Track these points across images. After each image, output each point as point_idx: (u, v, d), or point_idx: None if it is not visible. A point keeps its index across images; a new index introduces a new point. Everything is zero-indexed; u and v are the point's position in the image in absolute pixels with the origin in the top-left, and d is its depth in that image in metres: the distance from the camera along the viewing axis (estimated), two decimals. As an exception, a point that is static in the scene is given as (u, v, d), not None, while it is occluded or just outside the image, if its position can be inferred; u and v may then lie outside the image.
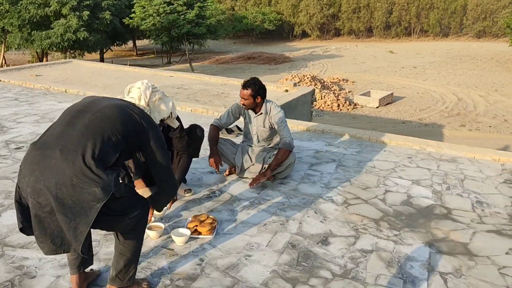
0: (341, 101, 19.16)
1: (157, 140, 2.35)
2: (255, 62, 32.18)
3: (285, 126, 3.99)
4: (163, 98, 2.73)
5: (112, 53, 39.50)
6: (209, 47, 38.68)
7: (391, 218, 3.54)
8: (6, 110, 6.27)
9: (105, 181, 1.99)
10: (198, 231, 3.13)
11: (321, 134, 5.69)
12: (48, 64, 11.12)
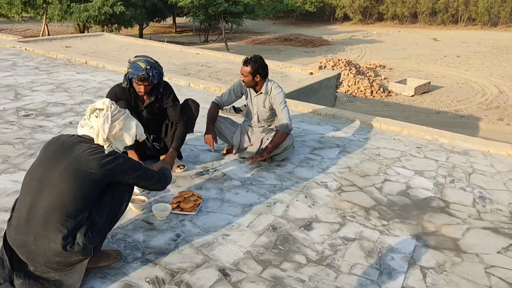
0: (374, 88, 18.71)
1: (125, 172, 2.38)
2: (292, 44, 31.80)
3: (285, 107, 3.92)
4: (125, 126, 2.42)
5: (152, 29, 39.93)
6: (247, 27, 38.47)
7: (383, 207, 3.44)
8: (24, 78, 6.45)
9: (83, 249, 2.22)
10: (180, 207, 3.13)
11: (331, 119, 5.56)
12: (80, 36, 11.34)
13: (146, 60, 3.38)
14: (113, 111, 2.39)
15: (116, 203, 2.41)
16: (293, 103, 5.93)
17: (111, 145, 2.36)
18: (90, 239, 2.25)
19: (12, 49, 8.64)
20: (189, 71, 8.95)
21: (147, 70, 3.32)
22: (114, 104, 2.44)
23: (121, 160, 2.37)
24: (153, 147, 3.73)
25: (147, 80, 3.37)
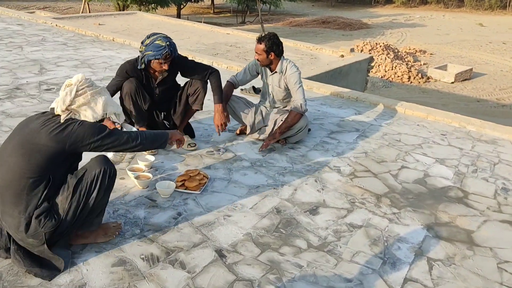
0: (413, 73, 18.12)
1: (83, 137, 2.20)
2: (330, 27, 31.18)
3: (300, 88, 3.79)
4: (90, 101, 2.28)
5: (190, 9, 40.02)
6: (284, 9, 38.00)
7: (396, 195, 3.30)
8: (51, 53, 6.56)
9: (33, 232, 2.20)
10: (185, 186, 3.10)
11: (354, 102, 5.39)
12: (113, 14, 11.45)
13: (162, 37, 3.34)
14: (81, 85, 2.27)
15: (85, 188, 2.27)
16: (316, 85, 5.78)
17: (69, 114, 2.24)
18: (41, 223, 2.18)
19: (44, 25, 8.81)
20: (217, 51, 8.89)
21: (168, 46, 3.29)
22: (86, 79, 2.31)
23: (75, 125, 2.20)
24: (163, 124, 3.70)
25: (171, 56, 3.34)
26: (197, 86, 3.61)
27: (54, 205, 2.25)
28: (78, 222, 2.35)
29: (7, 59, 6.06)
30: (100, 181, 2.29)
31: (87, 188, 2.27)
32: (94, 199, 2.30)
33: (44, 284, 2.18)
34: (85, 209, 2.31)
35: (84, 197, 2.27)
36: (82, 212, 2.31)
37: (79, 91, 2.27)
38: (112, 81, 3.51)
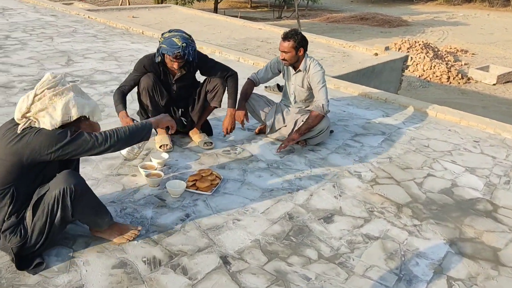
0: (452, 74, 17.48)
1: (40, 146, 2.05)
2: (368, 24, 30.55)
3: (323, 87, 3.63)
4: (48, 107, 2.07)
5: (227, 3, 40.04)
6: (323, 4, 37.49)
7: (418, 205, 3.10)
8: (81, 45, 6.60)
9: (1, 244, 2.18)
10: (196, 186, 3.00)
11: (382, 103, 5.16)
12: (148, 7, 11.51)
13: (182, 37, 3.23)
14: (41, 87, 2.10)
15: (47, 208, 2.15)
16: (344, 84, 5.58)
17: (27, 123, 2.09)
18: (6, 238, 2.13)
19: (76, 17, 8.91)
20: (247, 46, 8.78)
21: (183, 48, 3.19)
22: (50, 80, 2.13)
23: (32, 135, 2.05)
24: (181, 121, 3.62)
25: (183, 58, 3.25)
26: (216, 82, 3.51)
27: (23, 220, 2.17)
28: (52, 238, 2.25)
29: (36, 50, 6.13)
30: (61, 203, 2.15)
31: (49, 209, 2.15)
32: (61, 217, 2.18)
33: (41, 284, 2.14)
34: (54, 227, 2.20)
35: (48, 217, 2.16)
36: (52, 230, 2.21)
37: (37, 95, 2.09)
38: (129, 76, 3.45)
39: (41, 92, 2.09)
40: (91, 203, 2.29)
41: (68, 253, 2.34)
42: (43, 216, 2.16)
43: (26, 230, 2.16)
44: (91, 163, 3.24)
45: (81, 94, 2.21)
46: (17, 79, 4.87)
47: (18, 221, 2.15)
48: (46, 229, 2.19)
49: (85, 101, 2.19)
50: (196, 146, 3.64)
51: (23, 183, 2.14)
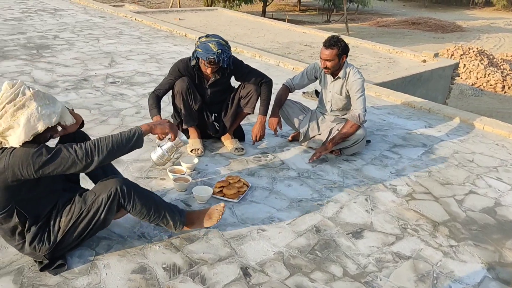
0: (508, 83, 16.67)
1: (20, 167, 1.94)
2: (419, 28, 29.70)
3: (361, 96, 3.50)
4: (12, 124, 1.92)
5: (276, 6, 40.10)
6: (373, 8, 36.82)
7: (456, 224, 2.92)
8: (125, 46, 6.73)
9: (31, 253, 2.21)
10: (223, 193, 2.96)
11: (426, 114, 4.94)
12: (194, 10, 11.65)
13: (218, 43, 3.20)
14: (1, 102, 1.93)
15: (88, 207, 2.21)
16: (385, 92, 5.39)
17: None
18: (36, 248, 2.17)
19: (124, 19, 9.13)
20: (290, 50, 8.69)
21: (218, 54, 3.16)
22: (9, 92, 1.94)
23: (6, 159, 1.93)
24: (213, 126, 3.59)
25: (217, 64, 3.22)
26: (250, 89, 3.47)
27: (50, 226, 2.19)
28: (87, 238, 2.32)
29: (82, 50, 6.32)
30: (108, 206, 2.21)
31: (93, 212, 2.21)
32: (103, 220, 2.24)
33: (61, 285, 2.15)
34: (92, 230, 2.27)
35: (91, 220, 2.22)
36: (90, 233, 2.28)
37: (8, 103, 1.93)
38: (164, 79, 3.46)
39: (2, 108, 1.92)
40: (144, 202, 2.30)
41: (90, 255, 2.35)
42: (85, 221, 2.20)
43: (56, 236, 2.18)
44: (122, 164, 3.27)
45: (44, 101, 2.00)
46: (60, 79, 5.02)
47: (42, 230, 2.17)
48: (84, 234, 2.24)
49: (50, 109, 2.00)
50: (227, 151, 3.60)
51: (23, 199, 2.08)
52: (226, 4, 20.45)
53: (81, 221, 2.21)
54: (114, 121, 4.00)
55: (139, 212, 2.32)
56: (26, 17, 8.55)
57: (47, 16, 8.81)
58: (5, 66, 5.38)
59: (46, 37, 6.98)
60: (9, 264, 2.24)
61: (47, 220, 2.20)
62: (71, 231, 2.21)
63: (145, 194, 2.35)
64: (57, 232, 2.19)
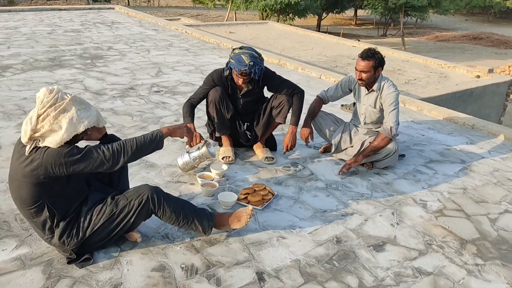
0: None
1: (51, 165, 2.10)
2: (481, 44, 28.64)
3: (394, 110, 3.47)
4: (54, 127, 2.10)
5: (332, 20, 40.03)
6: (432, 22, 35.87)
7: (486, 243, 2.82)
8: (173, 57, 7.00)
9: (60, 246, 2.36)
10: (247, 200, 3.03)
11: (469, 130, 4.78)
12: (245, 23, 11.90)
13: (251, 55, 3.31)
14: (43, 107, 2.09)
15: (120, 211, 2.36)
16: (428, 107, 5.27)
17: (34, 143, 2.13)
18: (65, 243, 2.31)
19: (175, 31, 9.48)
20: (337, 64, 8.69)
21: (250, 66, 3.27)
22: (50, 97, 2.10)
23: (40, 156, 2.10)
24: (245, 135, 3.68)
25: (248, 75, 3.33)
26: (282, 99, 3.53)
27: (79, 222, 2.33)
28: (115, 238, 2.46)
29: (132, 61, 6.64)
30: (138, 212, 2.37)
31: (123, 216, 2.36)
32: (132, 223, 2.40)
33: (85, 277, 2.29)
34: (121, 231, 2.41)
35: (121, 222, 2.37)
36: (118, 233, 2.42)
37: (41, 116, 2.10)
38: (199, 89, 3.60)
39: (44, 112, 2.09)
40: (174, 209, 2.44)
41: (115, 252, 2.49)
42: (115, 223, 2.36)
43: (84, 232, 2.33)
44: (155, 168, 3.42)
45: (82, 106, 2.19)
46: (109, 87, 5.32)
47: (71, 226, 2.32)
48: (113, 233, 2.39)
49: (87, 113, 2.19)
50: (258, 160, 3.67)
51: (54, 195, 2.24)
52: (280, 18, 20.66)
53: (111, 223, 2.36)
54: (153, 127, 4.18)
55: (168, 218, 2.46)
56: (85, 29, 9.11)
57: (104, 28, 9.34)
58: (61, 74, 5.77)
59: (101, 48, 7.41)
60: (40, 255, 2.41)
61: (76, 216, 2.35)
62: (99, 230, 2.36)
63: (175, 201, 2.49)
64: (86, 228, 2.33)
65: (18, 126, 4.03)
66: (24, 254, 2.41)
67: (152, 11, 34.76)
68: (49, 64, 6.21)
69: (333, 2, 29.70)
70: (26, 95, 4.90)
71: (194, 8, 42.80)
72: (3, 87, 5.13)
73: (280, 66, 7.03)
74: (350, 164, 3.50)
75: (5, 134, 3.88)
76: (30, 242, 2.51)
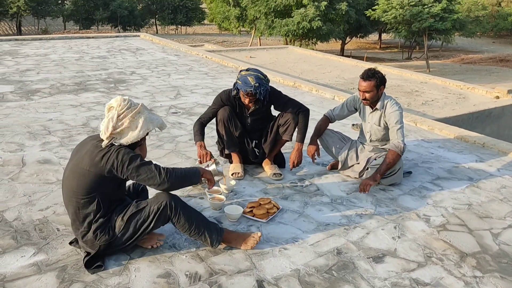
0: None
1: (118, 164, 2.42)
2: (508, 66, 28.30)
3: (400, 128, 3.57)
4: (132, 124, 2.48)
5: (356, 44, 40.30)
6: (457, 44, 35.69)
7: (486, 256, 2.86)
8: (192, 81, 7.27)
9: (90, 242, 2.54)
10: (253, 213, 3.15)
11: (479, 148, 4.80)
12: (266, 48, 12.20)
13: (256, 77, 3.49)
14: (121, 108, 2.46)
15: (142, 219, 2.56)
16: (439, 126, 5.32)
17: (112, 140, 2.46)
18: (97, 237, 2.52)
19: (196, 56, 9.83)
20: (354, 86, 8.80)
21: (255, 87, 3.45)
22: (125, 101, 2.50)
23: (113, 153, 2.42)
24: (253, 152, 3.83)
25: (254, 96, 3.51)
26: (288, 117, 3.68)
27: (112, 221, 2.57)
28: (135, 242, 2.65)
29: (153, 84, 6.94)
30: (157, 216, 2.57)
31: (144, 219, 2.57)
32: (152, 227, 2.60)
33: (95, 282, 2.44)
34: (142, 233, 2.61)
35: (142, 226, 2.58)
36: (140, 235, 2.61)
37: (120, 115, 2.47)
38: (208, 108, 3.79)
39: (123, 113, 2.47)
40: (188, 218, 2.62)
41: (125, 260, 2.64)
42: (137, 225, 2.57)
43: (114, 231, 2.56)
44: (167, 184, 3.58)
45: (150, 111, 2.60)
46: (129, 109, 5.58)
47: (106, 223, 2.56)
48: (136, 235, 2.59)
49: (154, 116, 2.59)
50: (266, 176, 3.81)
51: (105, 192, 2.52)
52: (302, 42, 21.00)
53: (134, 224, 2.57)
54: (168, 146, 4.38)
55: (182, 226, 2.64)
56: (111, 55, 9.54)
57: (129, 54, 9.76)
58: (85, 97, 6.09)
59: (125, 73, 7.76)
60: (56, 262, 2.59)
61: (110, 216, 2.59)
62: (122, 231, 2.57)
63: (190, 211, 2.67)
64: (115, 228, 2.57)
65: (43, 145, 4.30)
66: (40, 261, 2.59)
67: (179, 38, 35.80)
68: (74, 88, 6.56)
69: (356, 26, 29.98)
70: (52, 116, 5.20)
71: (220, 35, 43.83)
72: (31, 109, 5.46)
73: (295, 88, 7.21)
74: (370, 184, 3.47)
75: (30, 152, 4.14)
76: (47, 249, 2.70)
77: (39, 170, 3.79)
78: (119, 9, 40.71)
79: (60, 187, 3.47)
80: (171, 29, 48.46)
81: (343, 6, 20.39)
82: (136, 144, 2.58)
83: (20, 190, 3.42)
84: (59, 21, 44.16)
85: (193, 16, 45.86)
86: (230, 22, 30.09)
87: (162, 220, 2.60)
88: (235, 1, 27.27)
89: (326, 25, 20.09)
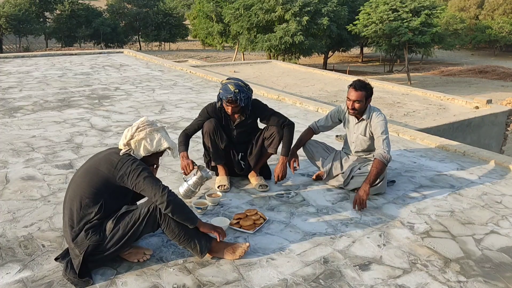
0: None
1: (130, 172, 2.57)
2: (487, 77, 28.99)
3: (386, 138, 3.64)
4: (147, 137, 2.70)
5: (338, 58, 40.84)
6: (437, 57, 36.44)
7: (469, 262, 2.91)
8: (176, 96, 7.30)
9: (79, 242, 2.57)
10: (240, 224, 3.17)
11: (460, 157, 4.90)
12: (249, 63, 12.30)
13: (236, 84, 3.54)
14: (142, 123, 2.72)
15: (132, 219, 2.60)
16: (420, 136, 5.42)
17: (128, 150, 2.67)
18: (87, 235, 2.55)
19: (180, 71, 9.87)
20: (337, 98, 8.92)
21: (235, 93, 3.49)
22: (148, 121, 2.75)
23: (127, 161, 2.59)
24: (239, 164, 3.86)
25: (235, 102, 3.54)
26: (273, 131, 3.73)
27: (104, 224, 2.61)
28: (124, 247, 2.65)
29: (138, 100, 6.94)
30: (146, 220, 2.61)
31: (133, 223, 2.60)
32: (140, 232, 2.63)
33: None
34: (129, 239, 2.62)
35: (129, 229, 2.60)
36: (126, 242, 2.62)
37: (140, 128, 2.72)
38: (194, 120, 3.81)
39: (143, 126, 2.72)
40: (177, 223, 2.65)
41: (112, 275, 2.63)
42: (126, 227, 2.60)
43: (105, 235, 2.59)
44: (154, 198, 3.58)
45: (167, 134, 2.83)
46: (114, 124, 5.58)
47: (99, 226, 2.59)
48: (125, 238, 2.60)
49: (170, 139, 2.80)
50: (252, 188, 3.83)
51: (111, 198, 2.62)
52: (285, 57, 21.22)
53: (124, 227, 2.60)
54: (154, 160, 4.39)
55: (171, 231, 2.66)
56: (94, 72, 9.52)
57: (113, 70, 9.75)
58: (69, 113, 6.06)
59: (109, 89, 7.75)
60: (42, 278, 2.57)
61: (104, 220, 2.62)
62: (112, 233, 2.59)
63: None
64: (105, 231, 2.59)
65: (27, 162, 4.27)
66: (26, 277, 2.57)
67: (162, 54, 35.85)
68: (58, 105, 6.53)
69: (338, 41, 30.42)
70: (35, 133, 5.16)
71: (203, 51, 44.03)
72: (14, 127, 5.41)
73: (279, 101, 7.28)
74: (363, 197, 3.49)
75: (13, 169, 4.11)
76: (32, 266, 2.67)
77: (23, 186, 3.75)
78: (102, 26, 40.72)
79: (44, 203, 3.46)
80: (154, 46, 48.56)
81: (324, 21, 20.73)
82: (150, 162, 2.78)
83: (4, 207, 3.39)
84: (41, 39, 43.92)
85: (176, 33, 46.04)
86: (214, 38, 30.32)
87: (152, 224, 2.63)
88: (218, 17, 27.52)
89: (308, 40, 20.37)
